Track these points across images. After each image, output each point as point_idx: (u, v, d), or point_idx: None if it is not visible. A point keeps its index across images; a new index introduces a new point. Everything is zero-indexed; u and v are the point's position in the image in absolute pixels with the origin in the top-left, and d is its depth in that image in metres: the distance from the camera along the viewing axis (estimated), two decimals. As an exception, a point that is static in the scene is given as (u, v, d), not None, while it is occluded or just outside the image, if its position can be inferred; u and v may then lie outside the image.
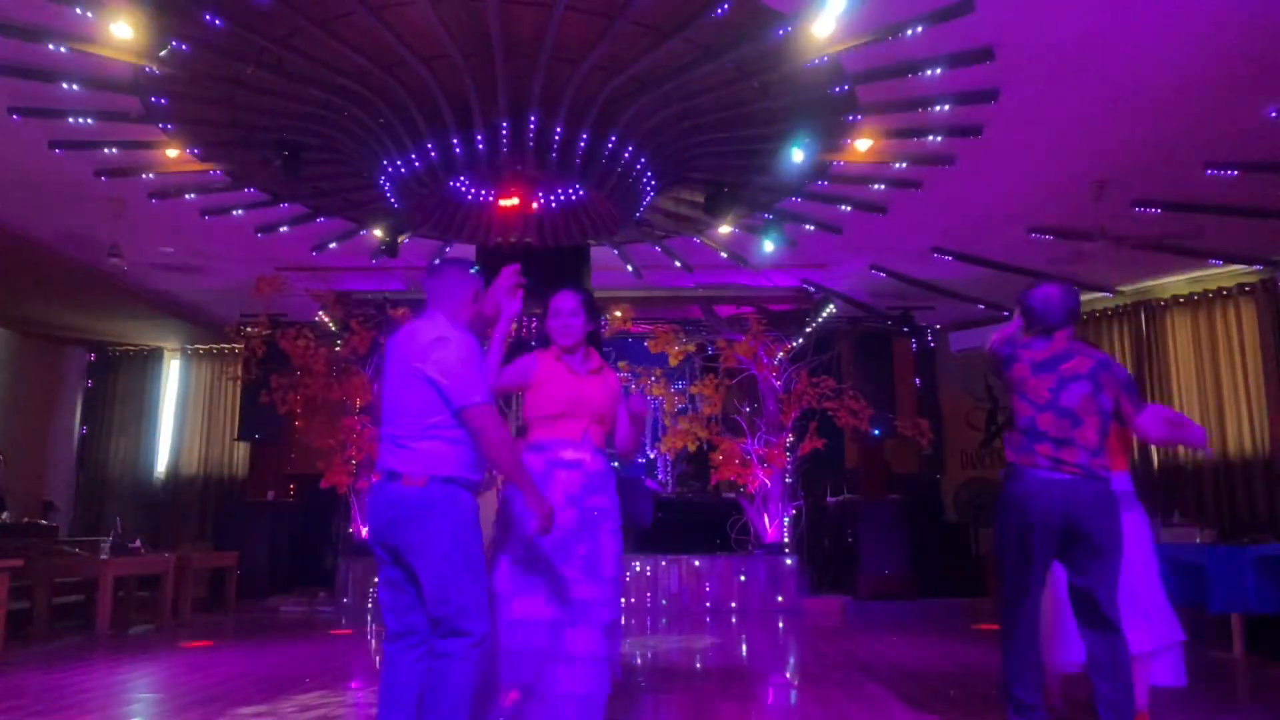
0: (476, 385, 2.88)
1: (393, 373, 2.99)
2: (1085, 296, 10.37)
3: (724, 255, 9.05)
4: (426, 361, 2.88)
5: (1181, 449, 9.54)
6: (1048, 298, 3.64)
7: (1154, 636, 3.90)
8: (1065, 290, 3.68)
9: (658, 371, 10.60)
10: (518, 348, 3.76)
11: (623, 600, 4.29)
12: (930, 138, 6.50)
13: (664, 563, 9.51)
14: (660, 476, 11.37)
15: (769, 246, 8.20)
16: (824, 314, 10.31)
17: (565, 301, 3.47)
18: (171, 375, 12.76)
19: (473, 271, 3.19)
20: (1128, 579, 3.61)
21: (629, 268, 9.41)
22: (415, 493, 2.85)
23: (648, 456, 11.11)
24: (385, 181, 6.70)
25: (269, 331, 9.80)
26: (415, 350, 2.93)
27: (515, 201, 6.66)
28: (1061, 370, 3.54)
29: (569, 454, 3.34)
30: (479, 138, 6.10)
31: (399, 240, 8.17)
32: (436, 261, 3.27)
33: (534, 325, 10.24)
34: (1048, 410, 3.50)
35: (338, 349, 9.87)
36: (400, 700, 2.88)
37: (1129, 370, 10.02)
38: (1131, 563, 3.66)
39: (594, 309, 3.60)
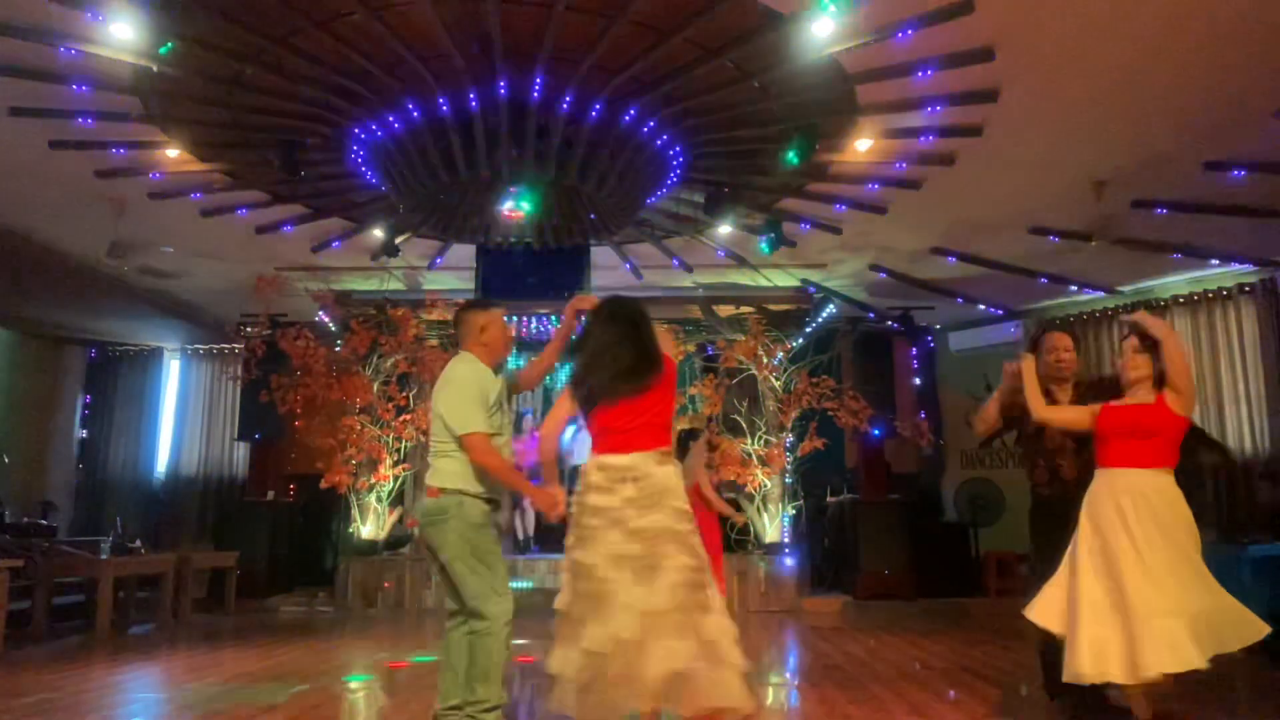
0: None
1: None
2: (1085, 297, 10.38)
3: (724, 255, 9.05)
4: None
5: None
6: None
7: None
8: None
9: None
10: (521, 348, 3.97)
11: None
12: (930, 138, 6.50)
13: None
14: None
15: (769, 248, 8.18)
16: (824, 314, 10.30)
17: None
18: (171, 375, 12.74)
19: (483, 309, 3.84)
20: None
21: (629, 268, 9.41)
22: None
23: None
24: (385, 181, 6.69)
25: (269, 331, 9.79)
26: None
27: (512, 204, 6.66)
28: None
29: None
30: (479, 137, 6.09)
31: (399, 240, 8.17)
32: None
33: (540, 324, 10.26)
34: None
35: (338, 349, 9.87)
36: None
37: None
38: None
39: None
